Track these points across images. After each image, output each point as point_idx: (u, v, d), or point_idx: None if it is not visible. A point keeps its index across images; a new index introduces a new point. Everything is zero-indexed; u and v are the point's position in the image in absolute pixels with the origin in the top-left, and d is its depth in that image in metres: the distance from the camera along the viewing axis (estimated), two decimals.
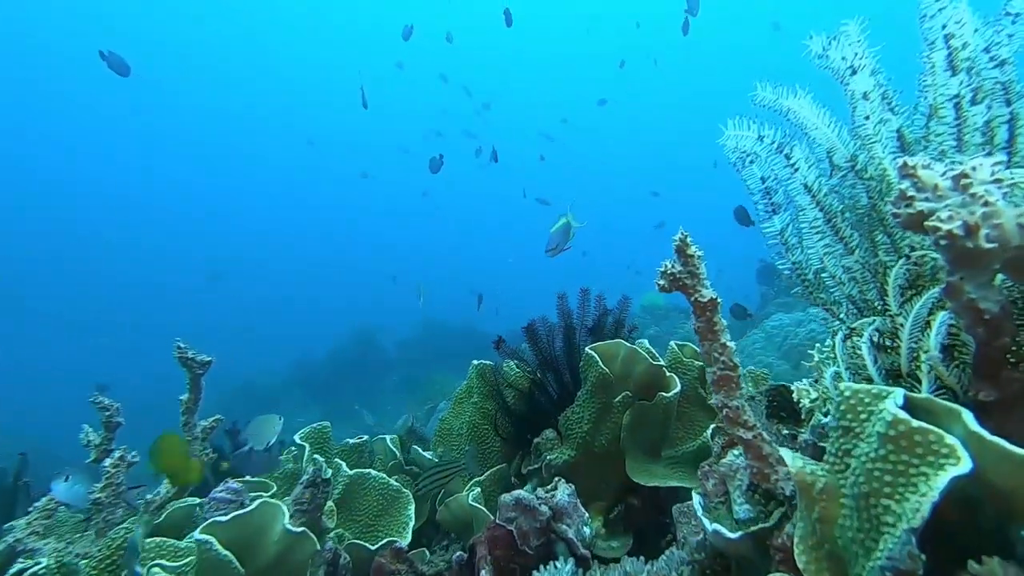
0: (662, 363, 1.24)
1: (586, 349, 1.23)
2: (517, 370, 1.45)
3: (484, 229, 24.80)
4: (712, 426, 1.13)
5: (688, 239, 0.83)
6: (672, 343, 1.36)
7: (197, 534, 0.73)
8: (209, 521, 0.77)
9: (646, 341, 1.31)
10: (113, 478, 1.02)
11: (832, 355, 0.71)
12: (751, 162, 0.85)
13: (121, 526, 0.76)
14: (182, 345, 1.09)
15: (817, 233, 0.79)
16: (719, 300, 0.83)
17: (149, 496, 1.06)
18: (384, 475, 1.29)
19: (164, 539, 0.82)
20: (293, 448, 1.38)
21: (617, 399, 1.21)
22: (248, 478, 1.24)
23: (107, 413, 1.10)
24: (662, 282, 0.84)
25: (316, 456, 1.03)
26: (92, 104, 19.76)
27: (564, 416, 1.26)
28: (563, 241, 1.99)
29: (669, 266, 0.84)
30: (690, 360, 1.33)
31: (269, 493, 1.16)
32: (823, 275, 0.76)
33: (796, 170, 0.81)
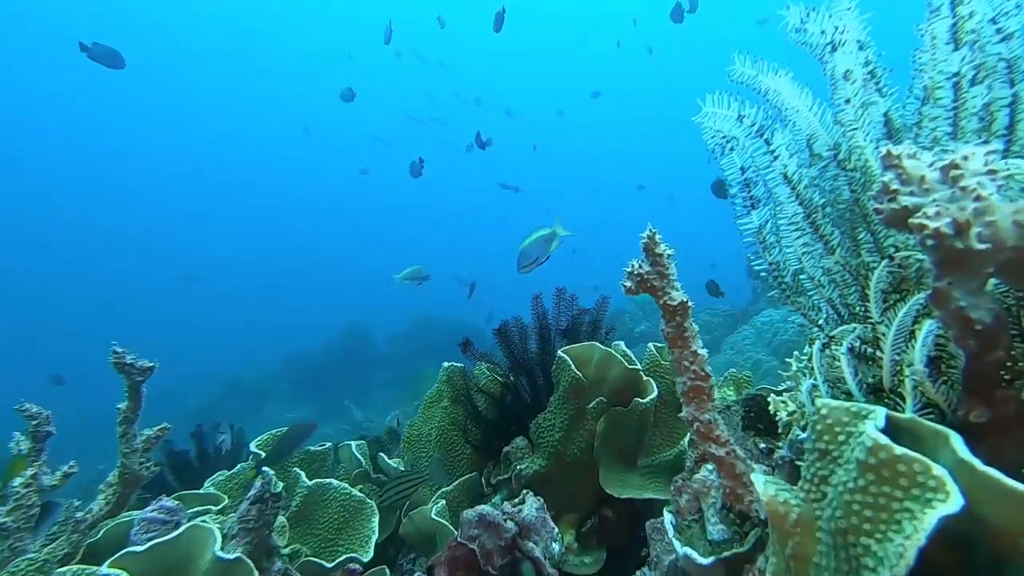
0: (638, 367, 1.17)
1: (558, 352, 1.16)
2: (489, 374, 1.39)
3: (479, 224, 24.71)
4: (689, 435, 1.06)
5: (656, 236, 0.76)
6: (651, 345, 1.29)
7: (104, 568, 0.66)
8: (123, 552, 0.69)
9: (622, 343, 1.24)
10: (23, 499, 0.89)
11: (810, 365, 0.64)
12: (731, 149, 0.77)
13: (25, 557, 0.67)
14: (119, 349, 1.00)
15: (796, 230, 0.72)
16: (690, 303, 0.76)
17: (80, 514, 0.98)
18: (347, 485, 1.21)
19: (83, 567, 0.75)
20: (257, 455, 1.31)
21: (591, 405, 1.14)
22: (200, 491, 1.17)
23: (34, 422, 0.99)
24: (628, 283, 0.77)
25: (265, 468, 0.95)
26: (75, 94, 19.44)
27: (535, 423, 1.19)
28: (541, 254, 1.91)
29: (636, 266, 0.77)
30: (670, 363, 1.26)
31: (218, 508, 1.09)
32: (801, 277, 0.69)
33: (776, 158, 0.73)
